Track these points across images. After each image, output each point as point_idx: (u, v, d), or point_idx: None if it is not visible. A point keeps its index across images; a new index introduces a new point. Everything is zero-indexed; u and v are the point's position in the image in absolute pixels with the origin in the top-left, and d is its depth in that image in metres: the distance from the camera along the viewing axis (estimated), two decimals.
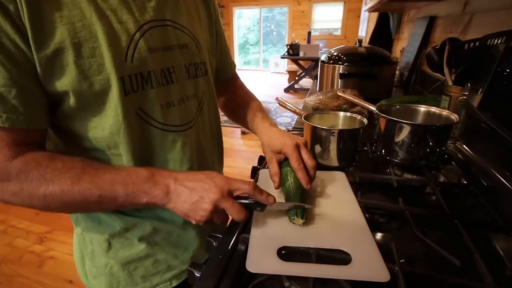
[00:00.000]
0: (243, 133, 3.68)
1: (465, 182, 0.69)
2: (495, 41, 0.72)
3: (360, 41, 1.41)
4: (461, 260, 0.43)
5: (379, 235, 0.52)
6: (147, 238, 0.56)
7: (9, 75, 0.38)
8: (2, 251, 1.86)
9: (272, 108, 4.55)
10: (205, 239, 0.51)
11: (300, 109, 0.99)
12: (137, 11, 0.46)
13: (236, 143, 3.52)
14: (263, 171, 0.66)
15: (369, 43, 2.85)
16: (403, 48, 1.88)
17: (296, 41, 5.74)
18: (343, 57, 1.35)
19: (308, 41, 6.10)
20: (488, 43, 0.74)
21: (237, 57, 8.89)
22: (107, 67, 0.42)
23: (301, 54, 5.43)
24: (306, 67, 5.62)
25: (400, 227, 0.54)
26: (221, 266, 0.44)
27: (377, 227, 0.54)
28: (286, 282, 0.41)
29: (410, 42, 1.70)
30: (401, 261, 0.43)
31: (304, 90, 5.81)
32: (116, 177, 0.44)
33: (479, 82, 0.71)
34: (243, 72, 8.25)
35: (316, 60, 5.13)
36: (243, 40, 9.31)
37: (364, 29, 4.49)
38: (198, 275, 0.44)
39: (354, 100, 1.01)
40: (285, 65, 7.27)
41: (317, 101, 1.12)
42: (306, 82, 6.13)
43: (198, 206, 0.44)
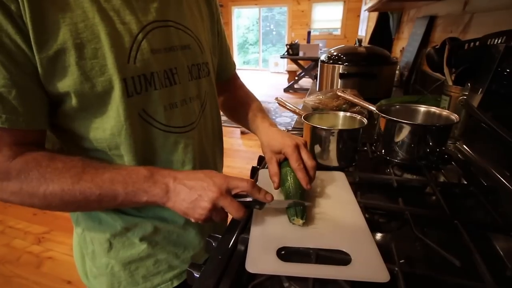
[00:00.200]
0: (243, 133, 3.68)
1: (465, 182, 0.69)
2: (495, 41, 0.72)
3: (360, 40, 1.41)
4: (461, 261, 0.42)
5: (379, 236, 0.52)
6: (148, 238, 0.56)
7: (10, 76, 0.38)
8: (0, 252, 1.86)
9: (272, 108, 4.55)
10: (205, 238, 0.51)
11: (300, 109, 0.99)
12: (140, 11, 0.46)
13: (236, 143, 3.52)
14: (262, 171, 0.66)
15: (369, 43, 2.85)
16: (403, 47, 1.88)
17: (296, 41, 5.73)
18: (342, 57, 1.35)
19: (308, 41, 6.10)
20: (488, 43, 0.74)
21: (236, 56, 8.88)
22: (110, 69, 0.42)
23: (301, 54, 5.43)
24: (305, 67, 5.62)
25: (400, 227, 0.54)
26: (221, 266, 0.44)
27: (377, 228, 0.54)
28: (286, 283, 0.41)
29: (410, 42, 1.70)
30: (401, 262, 0.43)
31: (304, 90, 5.81)
32: (116, 176, 0.44)
33: (479, 82, 0.71)
34: (242, 72, 8.24)
35: (315, 60, 5.13)
36: (242, 39, 9.31)
37: (364, 28, 4.49)
38: (198, 275, 0.43)
39: (354, 100, 1.00)
40: (285, 65, 7.27)
41: (316, 101, 1.11)
42: (306, 82, 6.13)
43: (196, 205, 0.44)
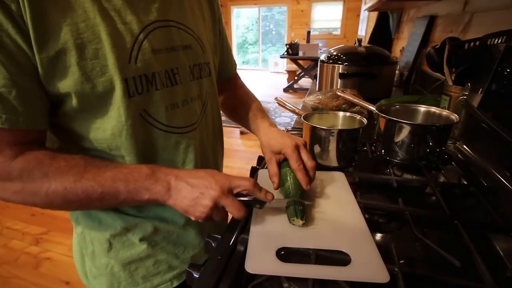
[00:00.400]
0: (242, 133, 3.68)
1: (465, 183, 0.68)
2: (495, 40, 0.72)
3: (359, 40, 1.40)
4: (461, 261, 0.42)
5: (378, 236, 0.52)
6: (148, 238, 0.56)
7: (10, 76, 0.37)
8: None
9: (271, 108, 4.55)
10: (205, 238, 0.51)
11: (300, 109, 0.98)
12: (141, 11, 0.45)
13: (235, 143, 3.52)
14: (262, 171, 0.65)
15: (368, 43, 2.85)
16: (403, 47, 1.88)
17: (296, 41, 5.73)
18: (342, 57, 1.35)
19: (308, 41, 6.10)
20: (488, 43, 0.74)
21: (236, 56, 8.87)
22: (111, 69, 0.42)
23: (301, 54, 5.43)
24: (305, 67, 5.62)
25: (400, 228, 0.54)
26: (220, 266, 0.44)
27: (377, 228, 0.54)
28: (285, 283, 0.41)
29: (410, 42, 1.70)
30: (400, 262, 0.43)
31: (304, 90, 5.81)
32: (118, 174, 0.44)
33: (479, 82, 0.71)
34: (241, 71, 8.12)
35: (315, 60, 5.13)
36: (242, 39, 9.30)
37: (364, 28, 4.49)
38: (197, 276, 0.43)
39: (354, 100, 1.00)
40: (284, 64, 7.27)
41: (316, 101, 1.11)
42: (306, 81, 6.12)
43: (198, 203, 0.44)
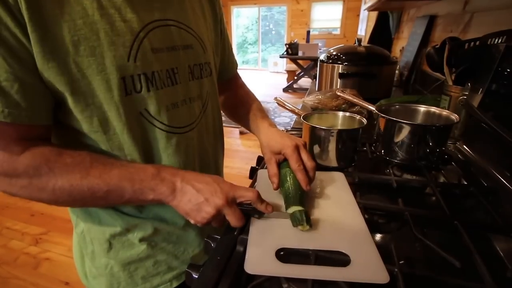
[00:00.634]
0: (242, 133, 3.68)
1: (465, 183, 0.68)
2: (496, 40, 0.72)
3: (359, 40, 1.40)
4: (461, 261, 0.42)
5: (378, 236, 0.52)
6: (148, 239, 0.55)
7: (11, 70, 0.37)
8: None
9: (271, 108, 4.54)
10: (204, 239, 0.51)
11: (299, 109, 0.98)
12: (142, 10, 0.45)
13: (234, 143, 3.52)
14: (261, 171, 0.65)
15: (368, 43, 2.85)
16: (402, 47, 1.88)
17: (295, 40, 5.73)
18: (342, 57, 1.35)
19: (307, 40, 6.09)
20: (488, 43, 0.74)
21: (236, 56, 8.75)
22: (108, 67, 0.42)
23: (300, 54, 5.43)
24: (305, 67, 5.62)
25: (400, 228, 0.54)
26: (220, 267, 0.44)
27: (377, 228, 0.54)
28: (285, 284, 0.41)
29: (410, 42, 1.70)
30: (400, 262, 0.43)
31: (303, 90, 5.80)
32: (124, 173, 0.44)
33: (480, 82, 0.71)
34: (241, 71, 8.10)
35: (315, 60, 5.13)
36: (242, 39, 9.30)
37: (364, 28, 4.49)
38: (196, 276, 0.43)
39: (353, 100, 1.00)
40: (284, 64, 7.27)
41: (316, 101, 1.11)
42: (305, 81, 6.12)
43: (201, 208, 0.44)
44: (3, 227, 2.08)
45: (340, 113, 0.79)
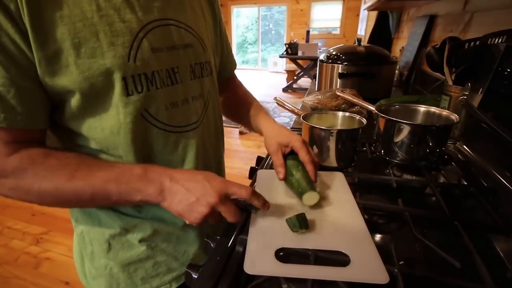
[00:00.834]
0: (241, 133, 3.67)
1: (465, 183, 0.68)
2: (496, 40, 0.72)
3: (359, 40, 1.41)
4: (461, 262, 0.42)
5: (378, 237, 0.52)
6: (147, 240, 0.55)
7: (8, 75, 0.38)
8: None
9: (271, 108, 4.54)
10: (204, 239, 0.51)
11: (299, 109, 0.98)
12: (141, 10, 0.45)
13: (234, 143, 3.51)
14: (261, 171, 0.65)
15: (368, 42, 2.85)
16: (402, 47, 1.88)
17: (295, 40, 5.73)
18: (342, 57, 1.34)
19: (307, 40, 6.09)
20: (488, 42, 0.74)
21: (235, 56, 8.68)
22: (109, 68, 0.42)
23: (300, 53, 5.43)
24: (304, 67, 5.62)
25: (400, 228, 0.54)
26: (219, 267, 0.44)
27: (376, 229, 0.54)
28: (284, 284, 0.41)
29: (410, 41, 1.70)
30: (400, 263, 0.43)
31: (303, 90, 5.80)
32: (109, 174, 0.44)
33: (480, 82, 0.71)
34: (241, 71, 8.21)
35: (314, 60, 5.12)
36: (241, 39, 9.30)
37: (363, 28, 4.48)
38: (196, 276, 0.43)
39: (353, 100, 1.00)
40: (284, 64, 7.26)
41: (315, 101, 1.11)
42: (305, 81, 6.12)
43: (193, 208, 0.43)
44: (4, 227, 2.08)
45: (340, 113, 0.79)
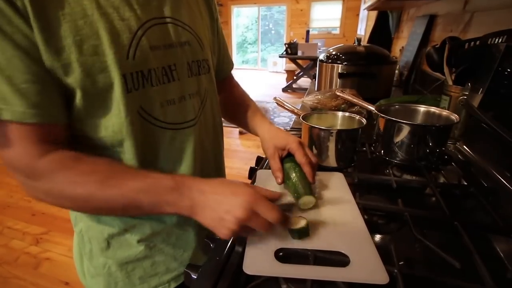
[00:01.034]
0: (241, 133, 3.67)
1: (465, 183, 0.68)
2: (496, 40, 0.72)
3: (359, 40, 1.40)
4: (461, 262, 0.42)
5: (378, 237, 0.52)
6: (146, 240, 0.55)
7: (30, 71, 0.38)
8: None
9: (270, 108, 4.54)
10: (203, 240, 0.51)
11: (298, 109, 0.98)
12: (139, 8, 0.46)
13: (234, 143, 3.51)
14: (260, 171, 0.65)
15: (368, 42, 2.84)
16: (402, 47, 1.88)
17: (295, 40, 5.72)
18: (341, 56, 1.34)
19: (307, 40, 6.09)
20: (488, 42, 0.74)
21: (235, 56, 8.87)
22: (109, 65, 0.43)
23: (300, 53, 5.42)
24: (304, 67, 5.62)
25: (400, 229, 0.54)
26: (218, 267, 0.44)
27: (376, 229, 0.54)
28: (284, 284, 0.41)
29: (410, 41, 1.70)
30: (400, 263, 0.43)
31: (303, 90, 5.80)
32: (141, 185, 0.43)
33: (480, 82, 0.71)
34: (241, 71, 8.22)
35: (314, 59, 5.12)
36: (241, 38, 9.30)
37: (363, 28, 4.48)
38: (195, 276, 0.43)
39: (353, 100, 1.00)
40: (283, 64, 7.26)
41: (315, 101, 1.11)
42: (305, 81, 6.12)
43: (222, 224, 0.42)
44: (4, 227, 2.08)
45: (340, 113, 0.79)
